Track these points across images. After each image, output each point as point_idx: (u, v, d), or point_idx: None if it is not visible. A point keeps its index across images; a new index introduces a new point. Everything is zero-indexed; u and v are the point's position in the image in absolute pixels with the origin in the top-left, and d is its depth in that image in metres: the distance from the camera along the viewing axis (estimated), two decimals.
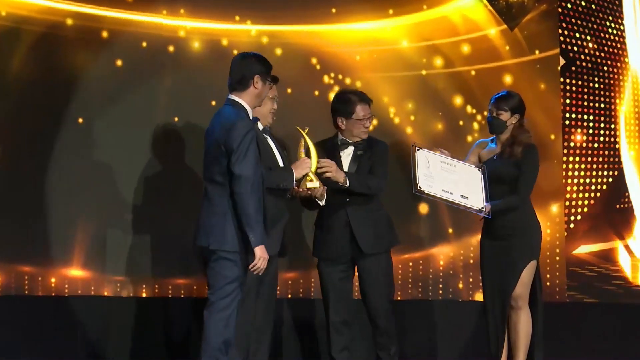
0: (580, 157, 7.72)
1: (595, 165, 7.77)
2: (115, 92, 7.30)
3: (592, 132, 7.77)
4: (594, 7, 7.79)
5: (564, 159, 7.66)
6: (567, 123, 7.70)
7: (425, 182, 6.10)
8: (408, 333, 7.32)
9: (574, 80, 7.71)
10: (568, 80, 7.70)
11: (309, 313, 7.34)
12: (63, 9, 7.25)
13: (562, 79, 7.68)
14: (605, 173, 7.80)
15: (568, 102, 7.70)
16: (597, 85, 7.76)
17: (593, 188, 7.76)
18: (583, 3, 7.76)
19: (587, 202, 7.73)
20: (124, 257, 7.29)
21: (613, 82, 7.82)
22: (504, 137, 6.31)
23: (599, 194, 7.78)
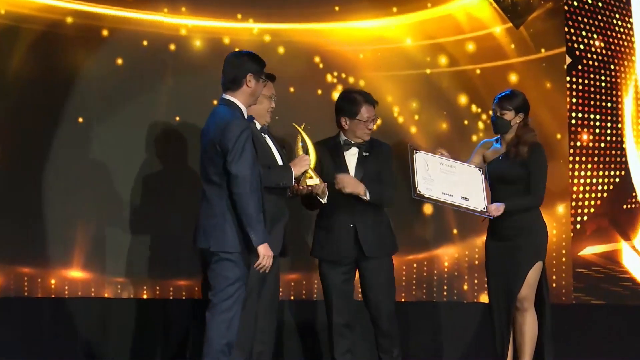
0: (587, 156, 7.73)
1: (602, 165, 7.77)
2: (116, 91, 7.29)
3: (598, 131, 7.77)
4: (601, 4, 7.79)
5: (570, 159, 7.66)
6: (573, 122, 7.70)
7: (425, 185, 6.09)
8: (412, 335, 7.33)
9: (581, 79, 7.71)
10: (574, 79, 7.70)
11: (312, 315, 7.33)
12: (63, 7, 7.23)
13: (568, 78, 7.68)
14: (612, 173, 7.80)
15: (574, 101, 7.70)
16: (603, 84, 7.77)
17: (600, 188, 7.76)
18: (590, 0, 7.76)
19: (593, 202, 7.73)
20: (125, 258, 7.28)
21: (620, 80, 7.81)
22: (509, 137, 6.29)
23: (606, 194, 7.78)
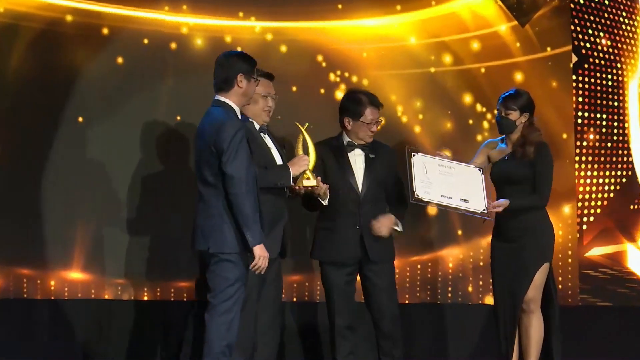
0: (593, 156, 7.71)
1: (609, 165, 7.76)
2: (116, 90, 7.28)
3: (605, 131, 7.76)
4: (607, 2, 7.78)
5: (576, 159, 7.64)
6: (579, 122, 7.68)
7: (423, 189, 6.04)
8: (416, 337, 7.33)
9: (587, 78, 7.70)
10: (580, 78, 7.68)
11: (314, 317, 7.32)
12: (62, 5, 7.23)
13: (574, 77, 7.67)
14: (619, 173, 7.79)
15: (580, 100, 7.68)
16: (610, 83, 7.77)
17: (606, 188, 7.74)
18: None
19: (600, 202, 7.72)
20: (125, 259, 7.26)
21: (627, 79, 7.79)
22: (514, 136, 6.26)
23: (612, 195, 7.76)
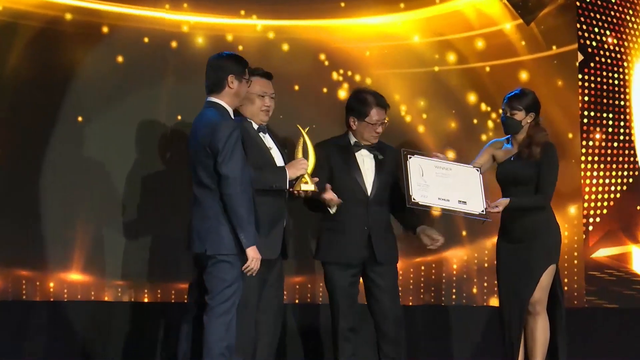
0: (599, 156, 7.72)
1: (615, 165, 7.77)
2: (116, 89, 7.26)
3: (611, 130, 7.77)
4: (613, 0, 7.78)
5: (583, 159, 7.66)
6: (585, 121, 7.69)
7: (419, 192, 6.00)
8: (420, 339, 7.34)
9: (593, 77, 7.72)
10: (586, 77, 7.69)
11: (317, 319, 7.30)
12: (62, 3, 7.21)
13: (580, 76, 7.68)
14: (625, 173, 7.79)
15: (586, 99, 7.70)
16: (616, 82, 7.79)
17: (612, 189, 7.75)
18: None
19: (606, 203, 7.72)
20: (125, 261, 7.24)
21: (633, 78, 7.79)
22: (520, 137, 6.24)
23: (619, 195, 7.77)
